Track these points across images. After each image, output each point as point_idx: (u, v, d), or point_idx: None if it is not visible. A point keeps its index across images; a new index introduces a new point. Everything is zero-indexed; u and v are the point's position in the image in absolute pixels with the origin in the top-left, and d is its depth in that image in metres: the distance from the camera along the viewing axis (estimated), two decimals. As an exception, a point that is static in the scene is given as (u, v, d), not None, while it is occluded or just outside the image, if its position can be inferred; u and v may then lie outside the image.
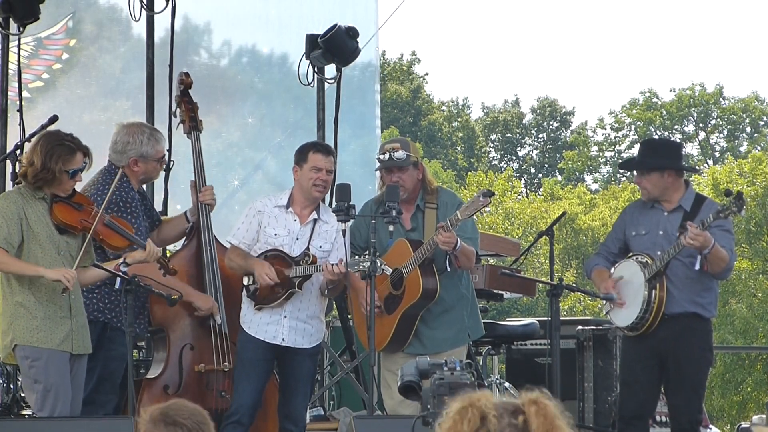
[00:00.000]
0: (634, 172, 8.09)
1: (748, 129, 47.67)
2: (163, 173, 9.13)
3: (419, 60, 52.76)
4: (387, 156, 7.69)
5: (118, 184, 7.36)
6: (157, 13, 10.20)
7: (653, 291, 7.68)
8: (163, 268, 7.12)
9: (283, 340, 7.46)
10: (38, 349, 6.74)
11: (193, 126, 8.02)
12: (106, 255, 7.29)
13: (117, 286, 6.90)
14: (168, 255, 8.40)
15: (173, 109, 8.22)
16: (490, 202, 7.35)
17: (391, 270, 7.30)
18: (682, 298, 7.71)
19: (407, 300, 7.60)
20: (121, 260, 6.90)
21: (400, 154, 7.67)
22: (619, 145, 48.44)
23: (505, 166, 49.01)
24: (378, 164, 7.82)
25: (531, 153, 50.47)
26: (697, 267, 7.57)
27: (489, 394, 3.61)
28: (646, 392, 7.81)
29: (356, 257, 7.27)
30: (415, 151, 7.81)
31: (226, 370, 7.65)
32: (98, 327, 7.34)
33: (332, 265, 7.28)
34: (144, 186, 7.96)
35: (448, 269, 7.55)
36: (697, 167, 42.13)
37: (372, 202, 7.82)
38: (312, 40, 10.12)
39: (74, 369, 6.86)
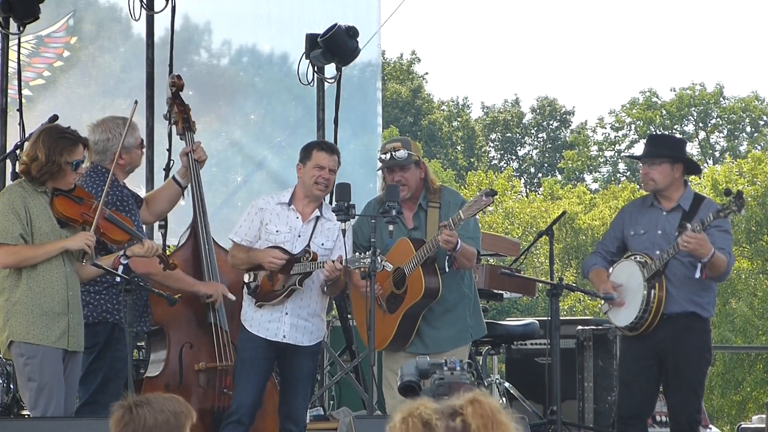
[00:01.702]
0: (639, 165, 8.10)
1: (748, 129, 47.68)
2: (162, 173, 9.15)
3: (419, 60, 52.82)
4: (388, 156, 7.69)
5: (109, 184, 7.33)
6: (157, 13, 10.20)
7: (652, 291, 7.68)
8: (163, 263, 7.12)
9: (284, 337, 7.46)
10: (34, 346, 6.73)
11: (186, 127, 8.03)
12: (108, 250, 7.28)
13: (117, 279, 6.90)
14: (167, 253, 8.40)
15: (165, 111, 8.22)
16: (493, 201, 7.35)
17: (391, 266, 7.30)
18: (680, 298, 7.71)
19: (409, 299, 7.59)
20: (121, 253, 6.90)
21: (402, 153, 7.67)
22: (619, 145, 48.45)
23: (505, 165, 49.02)
24: (380, 164, 7.83)
25: (531, 152, 50.48)
26: (698, 275, 7.57)
27: (427, 400, 3.60)
28: (645, 392, 7.81)
29: (356, 254, 7.27)
30: (417, 149, 7.82)
31: (226, 368, 7.65)
32: (107, 328, 7.32)
33: (331, 261, 7.29)
34: (144, 186, 7.96)
35: (447, 270, 7.54)
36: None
37: (374, 201, 7.82)
38: (312, 40, 10.13)
39: (68, 367, 6.84)
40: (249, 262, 7.52)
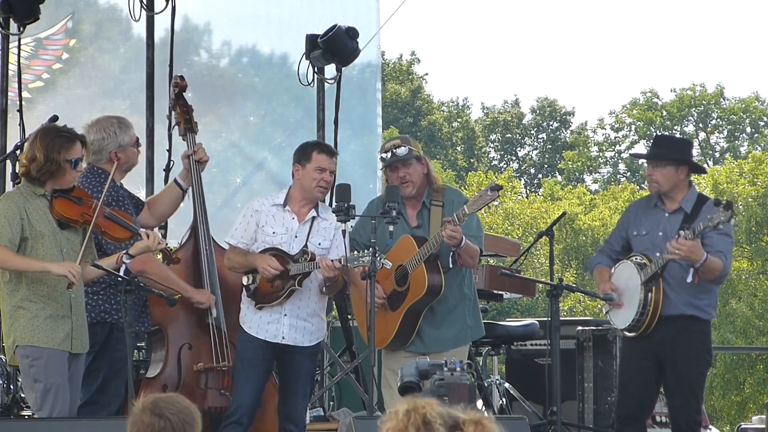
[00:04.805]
0: (645, 165, 8.10)
1: (749, 129, 47.69)
2: (162, 173, 9.15)
3: (419, 60, 52.81)
4: (389, 154, 7.69)
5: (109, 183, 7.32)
6: (157, 13, 10.20)
7: (649, 293, 7.69)
8: (166, 257, 7.12)
9: (283, 338, 7.46)
10: (39, 348, 6.73)
11: (189, 128, 8.03)
12: (105, 251, 7.27)
13: (119, 278, 6.89)
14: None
15: (168, 111, 8.23)
16: (498, 196, 7.35)
17: (390, 264, 7.29)
18: (678, 301, 7.71)
19: (412, 296, 7.59)
20: (123, 252, 6.89)
21: (402, 150, 7.67)
22: (620, 146, 48.45)
23: (505, 166, 49.01)
24: (381, 165, 7.81)
25: (531, 153, 50.47)
26: (689, 280, 7.58)
27: (434, 401, 3.60)
28: (643, 393, 7.81)
29: (356, 252, 7.26)
30: (417, 146, 7.81)
31: (224, 369, 7.65)
32: (106, 328, 7.33)
33: (329, 260, 7.28)
34: (144, 187, 7.96)
35: (451, 266, 7.55)
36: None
37: (377, 200, 7.82)
38: (312, 40, 10.13)
39: (72, 368, 6.85)
40: (246, 265, 7.52)
